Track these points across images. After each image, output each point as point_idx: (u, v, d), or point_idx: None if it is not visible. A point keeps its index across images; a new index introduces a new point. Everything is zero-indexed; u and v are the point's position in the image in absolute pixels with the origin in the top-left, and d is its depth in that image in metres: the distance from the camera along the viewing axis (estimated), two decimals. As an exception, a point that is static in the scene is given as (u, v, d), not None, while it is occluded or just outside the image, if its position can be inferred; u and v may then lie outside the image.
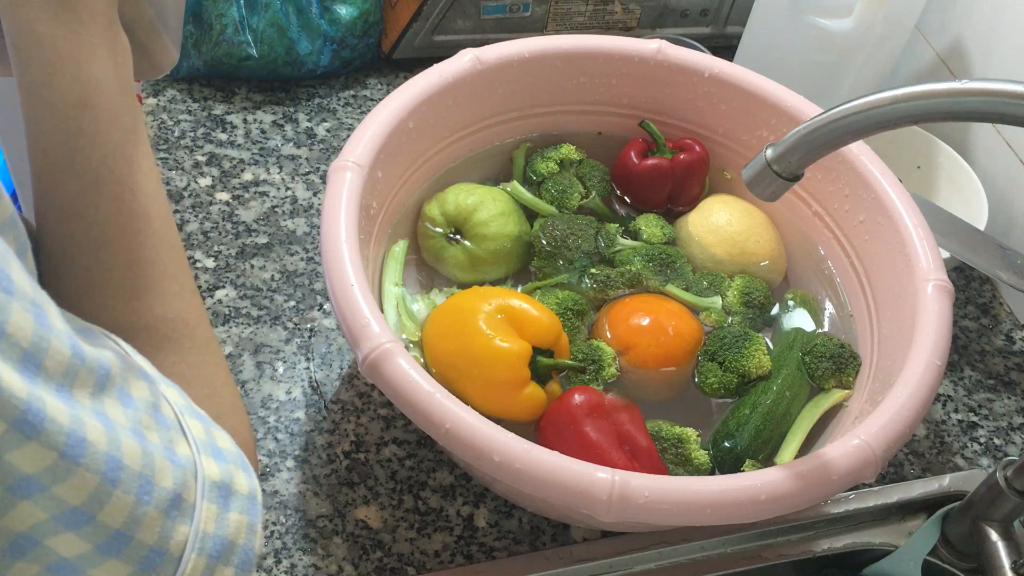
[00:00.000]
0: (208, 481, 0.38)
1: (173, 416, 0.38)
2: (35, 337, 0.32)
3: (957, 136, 1.00)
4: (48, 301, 0.34)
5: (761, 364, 0.74)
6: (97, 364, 0.35)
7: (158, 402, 0.38)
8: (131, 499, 0.34)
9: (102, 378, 0.35)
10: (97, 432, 0.33)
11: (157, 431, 0.37)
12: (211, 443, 0.39)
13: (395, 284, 0.74)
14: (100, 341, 0.38)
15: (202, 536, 0.37)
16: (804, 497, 0.60)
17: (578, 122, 0.88)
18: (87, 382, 0.34)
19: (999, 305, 0.95)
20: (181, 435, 0.38)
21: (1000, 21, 0.96)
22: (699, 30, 1.10)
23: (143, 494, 0.34)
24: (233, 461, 0.40)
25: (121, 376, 0.36)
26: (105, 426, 0.34)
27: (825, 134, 0.55)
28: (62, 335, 0.33)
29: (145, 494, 0.35)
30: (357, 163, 0.70)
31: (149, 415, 0.37)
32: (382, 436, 0.76)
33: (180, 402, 0.40)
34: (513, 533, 0.72)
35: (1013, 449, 0.83)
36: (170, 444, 0.37)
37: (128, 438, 0.35)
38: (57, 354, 0.33)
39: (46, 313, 0.33)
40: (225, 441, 0.41)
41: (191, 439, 0.38)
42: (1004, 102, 0.48)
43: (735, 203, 0.83)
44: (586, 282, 0.78)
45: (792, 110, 0.81)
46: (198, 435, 0.39)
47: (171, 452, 0.37)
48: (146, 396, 0.37)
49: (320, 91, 1.01)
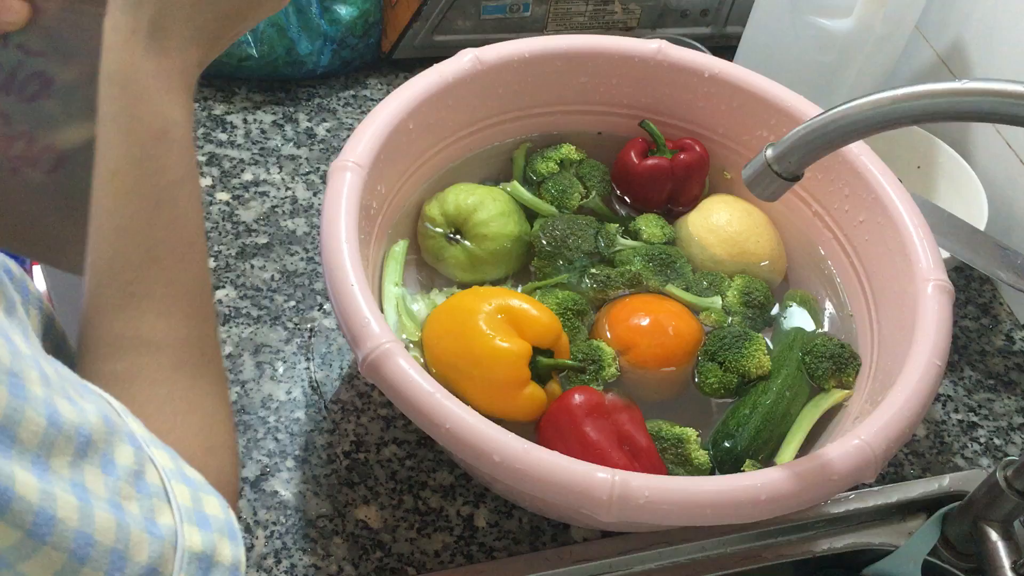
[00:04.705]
0: (188, 553, 0.37)
1: (159, 482, 0.38)
2: (8, 409, 0.32)
3: (957, 136, 1.00)
4: (31, 363, 0.34)
5: (761, 364, 0.74)
6: (76, 432, 0.35)
7: (142, 468, 0.37)
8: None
9: (82, 446, 0.35)
10: (69, 508, 0.33)
11: (138, 500, 0.36)
12: (197, 510, 0.39)
13: (395, 284, 0.74)
14: (90, 399, 0.37)
15: None
16: (804, 497, 0.60)
17: (578, 122, 0.88)
18: (65, 451, 0.34)
19: (999, 305, 0.95)
20: (165, 502, 0.38)
21: (1000, 21, 0.96)
22: (699, 30, 1.10)
23: (114, 570, 0.34)
24: (219, 529, 0.39)
25: (105, 441, 0.36)
26: (79, 500, 0.34)
27: (825, 134, 0.55)
28: (39, 403, 0.33)
29: (116, 570, 0.34)
30: (357, 163, 0.70)
31: (130, 483, 0.36)
32: (382, 436, 0.76)
33: (169, 466, 0.39)
34: (513, 533, 0.72)
35: (1013, 449, 0.83)
36: (151, 513, 0.37)
37: (103, 511, 0.34)
38: (32, 424, 0.33)
39: (23, 381, 0.33)
40: (214, 507, 0.40)
41: (175, 507, 0.38)
42: (1004, 102, 0.48)
43: (735, 203, 0.83)
44: (586, 282, 0.78)
45: (792, 110, 0.81)
46: (184, 502, 0.38)
47: (151, 523, 0.36)
48: (129, 463, 0.37)
49: (320, 91, 1.01)
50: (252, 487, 0.72)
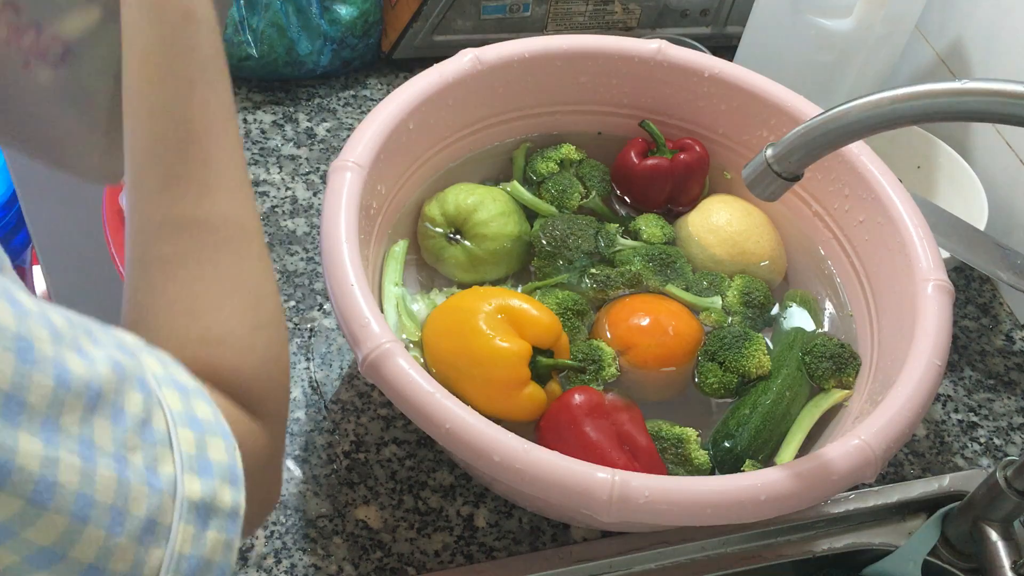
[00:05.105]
0: (187, 502, 0.37)
1: (164, 428, 0.38)
2: (16, 376, 0.32)
3: (957, 136, 1.00)
4: (38, 320, 0.34)
5: (761, 364, 0.74)
6: (86, 387, 0.35)
7: (150, 415, 0.38)
8: (102, 533, 0.34)
9: (91, 400, 0.35)
10: (71, 471, 0.33)
11: (143, 449, 0.37)
12: (200, 456, 0.39)
13: (395, 284, 0.74)
14: (102, 345, 0.37)
15: (177, 558, 0.37)
16: (804, 497, 0.60)
17: (578, 122, 0.88)
18: (75, 408, 0.34)
19: (999, 305, 0.95)
20: (168, 450, 0.38)
21: (1000, 21, 0.96)
22: (699, 30, 1.10)
23: (114, 526, 0.35)
24: (221, 475, 0.39)
25: (115, 391, 0.36)
26: (83, 460, 0.34)
27: (825, 134, 0.55)
28: (47, 364, 0.33)
29: (117, 526, 0.35)
30: (357, 163, 0.70)
31: (137, 432, 0.37)
32: (382, 436, 0.76)
33: (178, 408, 0.39)
34: (513, 533, 0.72)
35: (1013, 449, 0.83)
36: (153, 463, 0.37)
37: (106, 468, 0.35)
38: (40, 388, 0.33)
39: (31, 342, 0.33)
40: (218, 450, 0.40)
41: (177, 455, 0.38)
42: (1004, 102, 0.48)
43: (735, 203, 0.83)
44: (586, 282, 0.78)
45: (792, 110, 0.81)
46: (187, 449, 0.38)
47: (152, 473, 0.36)
48: (138, 411, 0.37)
49: (320, 91, 1.01)
50: (252, 487, 0.72)
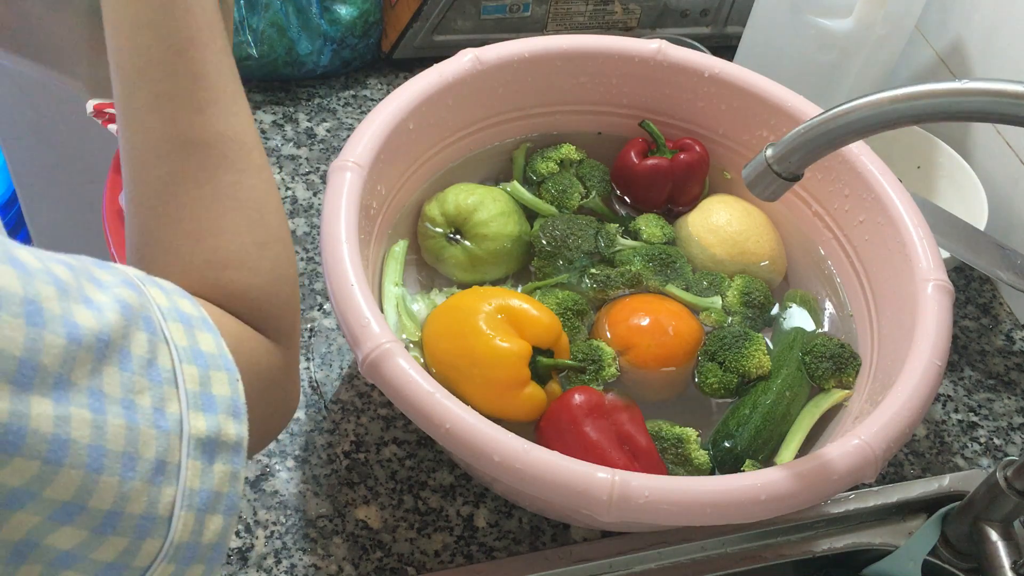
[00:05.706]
0: (194, 439, 0.38)
1: (170, 365, 0.38)
2: (28, 341, 0.32)
3: (957, 136, 1.00)
4: (43, 277, 0.34)
5: (761, 364, 0.74)
6: (95, 339, 0.35)
7: (155, 354, 0.38)
8: (116, 480, 0.35)
9: (101, 350, 0.35)
10: (83, 425, 0.34)
11: (150, 390, 0.37)
12: (204, 392, 0.39)
13: (395, 284, 0.74)
14: (108, 287, 0.37)
15: (189, 493, 0.38)
16: (804, 497, 0.60)
17: (578, 122, 0.88)
18: (85, 361, 0.34)
19: (999, 305, 0.95)
20: (174, 389, 0.38)
21: (1000, 21, 0.96)
22: (699, 30, 1.10)
23: (127, 471, 0.35)
24: (225, 409, 0.40)
25: (122, 335, 0.36)
26: (93, 412, 0.34)
27: (825, 134, 0.55)
28: (57, 324, 0.33)
29: (129, 471, 0.35)
30: (357, 163, 0.70)
31: (143, 374, 0.37)
32: (382, 436, 0.76)
33: (183, 343, 0.39)
34: (513, 533, 0.72)
35: (1013, 449, 0.83)
36: (160, 403, 0.37)
37: (116, 416, 0.35)
38: (52, 348, 0.33)
39: (39, 303, 0.33)
40: (222, 384, 0.40)
41: (182, 393, 0.38)
42: (1004, 102, 0.48)
43: (735, 203, 0.83)
44: (586, 282, 0.78)
45: (792, 110, 0.81)
46: (191, 387, 0.38)
47: (159, 414, 0.37)
48: (143, 352, 0.37)
49: (320, 91, 1.01)
50: (252, 487, 0.72)
